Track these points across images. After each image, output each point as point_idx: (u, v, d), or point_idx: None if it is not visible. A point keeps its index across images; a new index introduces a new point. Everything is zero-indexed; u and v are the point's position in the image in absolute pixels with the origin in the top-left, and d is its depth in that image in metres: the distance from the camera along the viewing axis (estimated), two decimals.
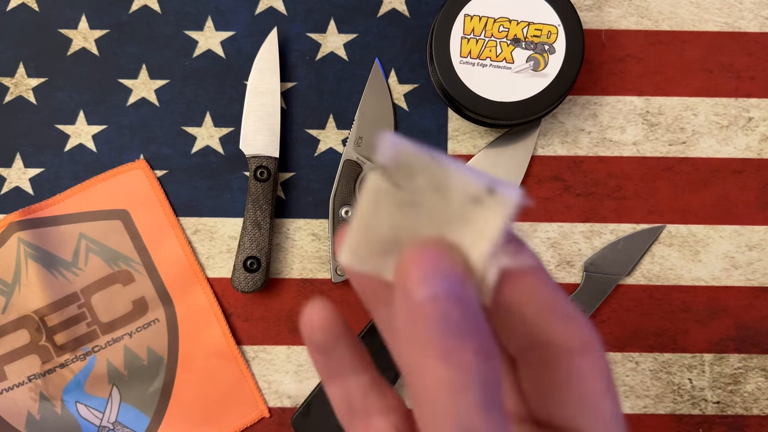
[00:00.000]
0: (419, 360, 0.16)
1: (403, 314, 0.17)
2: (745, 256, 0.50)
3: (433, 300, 0.16)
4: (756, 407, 0.49)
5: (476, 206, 0.18)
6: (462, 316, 0.16)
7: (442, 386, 0.16)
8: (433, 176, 0.18)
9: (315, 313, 0.21)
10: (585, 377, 0.19)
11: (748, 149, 0.51)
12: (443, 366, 0.16)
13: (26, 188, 0.50)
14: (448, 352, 0.16)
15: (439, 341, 0.16)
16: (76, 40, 0.51)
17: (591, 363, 0.19)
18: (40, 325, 0.48)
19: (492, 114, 0.46)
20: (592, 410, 0.19)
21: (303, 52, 0.51)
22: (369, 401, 0.21)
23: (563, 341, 0.19)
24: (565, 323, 0.19)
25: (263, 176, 0.49)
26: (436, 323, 0.16)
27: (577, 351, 0.19)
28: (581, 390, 0.19)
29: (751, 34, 0.51)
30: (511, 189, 0.18)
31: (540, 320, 0.19)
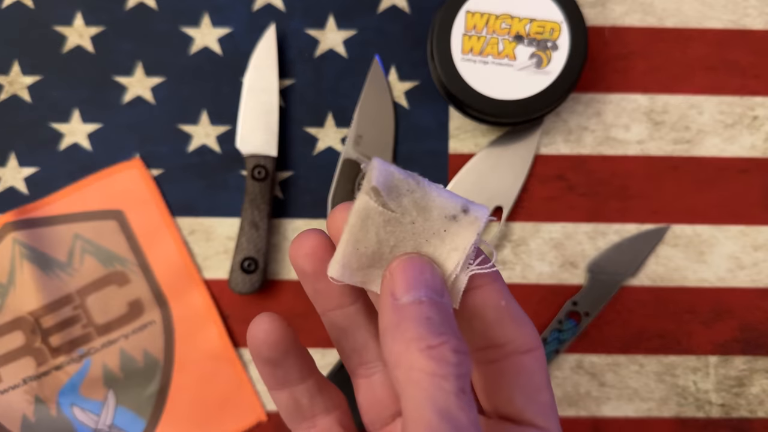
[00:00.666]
0: (405, 353, 0.19)
1: (389, 315, 0.20)
2: (751, 257, 0.50)
3: (418, 304, 0.20)
4: (761, 410, 0.49)
5: (452, 224, 0.21)
6: (441, 318, 0.20)
7: (425, 375, 0.19)
8: (416, 198, 0.21)
9: (263, 328, 0.23)
10: (531, 372, 0.22)
11: (753, 148, 0.50)
12: (426, 358, 0.19)
13: (21, 188, 0.50)
14: (430, 347, 0.19)
15: (423, 338, 0.19)
16: (72, 37, 0.50)
17: (536, 360, 0.22)
18: (35, 327, 0.47)
19: (494, 112, 0.46)
20: (535, 399, 0.22)
21: (301, 49, 0.51)
22: (314, 402, 0.24)
23: (515, 341, 0.22)
24: (517, 326, 0.22)
25: (261, 175, 0.48)
26: (420, 323, 0.19)
27: (525, 350, 0.22)
28: (527, 382, 0.22)
29: (757, 32, 0.51)
30: (482, 209, 0.21)
31: (497, 323, 0.22)
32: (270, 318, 0.23)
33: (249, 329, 0.23)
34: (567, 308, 0.49)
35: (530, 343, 0.22)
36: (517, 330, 0.22)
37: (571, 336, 0.49)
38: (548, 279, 0.50)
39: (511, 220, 0.50)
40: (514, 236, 0.50)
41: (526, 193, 0.50)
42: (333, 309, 0.24)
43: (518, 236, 0.50)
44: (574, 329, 0.48)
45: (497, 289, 0.22)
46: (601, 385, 0.49)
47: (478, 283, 0.22)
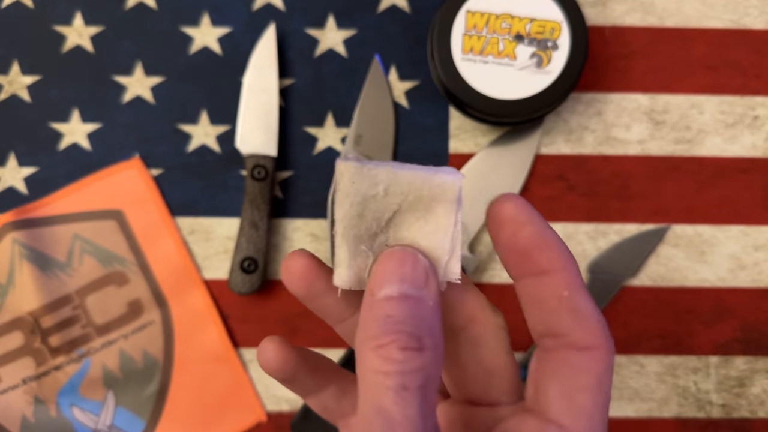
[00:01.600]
0: (360, 351, 0.20)
1: (362, 312, 0.20)
2: (752, 257, 0.49)
3: (386, 300, 0.20)
4: (762, 410, 0.49)
5: (434, 202, 0.21)
6: (405, 315, 0.20)
7: (370, 373, 0.19)
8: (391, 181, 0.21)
9: (266, 356, 0.24)
10: (579, 370, 0.21)
11: (754, 148, 0.50)
12: (374, 357, 0.19)
13: (20, 188, 0.50)
14: (379, 346, 0.19)
15: (375, 336, 0.19)
16: (71, 36, 0.50)
17: (592, 361, 0.21)
18: (35, 327, 0.47)
19: (494, 112, 0.46)
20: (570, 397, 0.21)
21: (301, 49, 0.50)
22: (341, 405, 0.25)
23: (571, 335, 0.21)
24: (577, 320, 0.21)
25: (260, 175, 0.48)
26: (378, 321, 0.19)
27: (581, 346, 0.21)
28: (568, 379, 0.21)
29: (757, 31, 0.50)
30: (452, 173, 0.21)
31: (555, 313, 0.21)
32: (272, 345, 0.24)
33: (257, 357, 0.24)
34: None
35: (589, 340, 0.21)
36: (576, 325, 0.21)
37: None
38: None
39: None
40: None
41: (526, 192, 0.50)
42: (339, 322, 0.24)
43: None
44: None
45: (564, 278, 0.21)
46: None
47: (544, 268, 0.21)
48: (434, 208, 0.22)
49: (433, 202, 0.22)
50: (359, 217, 0.21)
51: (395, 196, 0.21)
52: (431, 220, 0.22)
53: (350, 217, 0.21)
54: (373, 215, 0.22)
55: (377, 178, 0.21)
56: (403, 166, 0.22)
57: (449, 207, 0.22)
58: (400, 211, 0.22)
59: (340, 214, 0.21)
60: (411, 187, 0.21)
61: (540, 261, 0.21)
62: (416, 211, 0.22)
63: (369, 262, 0.22)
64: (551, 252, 0.21)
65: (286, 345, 0.24)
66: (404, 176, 0.21)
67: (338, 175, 0.21)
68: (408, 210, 0.22)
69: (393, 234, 0.22)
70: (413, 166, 0.22)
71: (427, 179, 0.21)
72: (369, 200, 0.21)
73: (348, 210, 0.21)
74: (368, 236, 0.22)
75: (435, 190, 0.21)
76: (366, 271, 0.22)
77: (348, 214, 0.21)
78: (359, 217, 0.21)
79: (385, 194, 0.21)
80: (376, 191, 0.21)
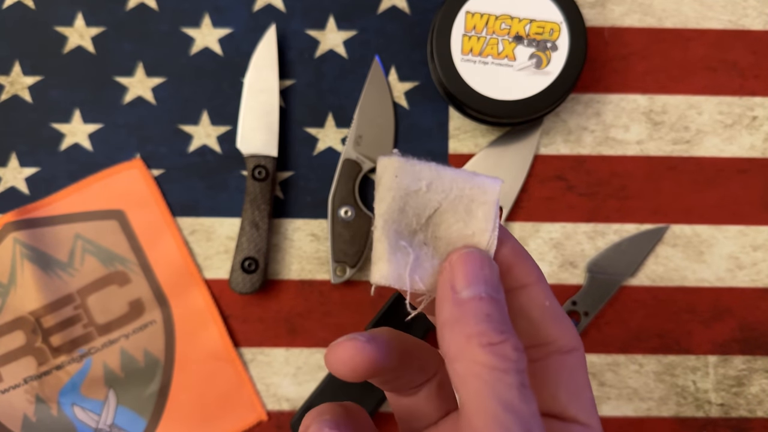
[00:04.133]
0: (466, 347, 0.19)
1: (450, 308, 0.20)
2: (750, 257, 0.50)
3: (478, 299, 0.20)
4: (760, 409, 0.49)
5: (473, 204, 0.22)
6: (500, 316, 0.20)
7: (487, 369, 0.19)
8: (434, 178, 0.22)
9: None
10: (573, 371, 0.22)
11: (752, 148, 0.50)
12: (488, 354, 0.19)
13: (22, 188, 0.50)
14: (492, 344, 0.19)
15: (484, 334, 0.19)
16: (72, 37, 0.51)
17: (578, 360, 0.23)
18: (36, 327, 0.47)
19: (494, 112, 0.46)
20: (578, 397, 0.22)
21: (302, 50, 0.51)
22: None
23: (558, 341, 0.22)
24: (560, 326, 0.22)
25: (261, 176, 0.48)
26: (481, 319, 0.20)
27: (568, 349, 0.22)
28: (570, 380, 0.22)
29: (756, 32, 0.51)
30: (493, 181, 0.22)
31: (541, 322, 0.22)
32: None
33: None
34: (566, 308, 0.49)
35: (572, 343, 0.23)
36: (560, 330, 0.22)
37: None
38: (548, 279, 0.50)
39: (511, 220, 0.50)
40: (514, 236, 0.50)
41: (525, 193, 0.50)
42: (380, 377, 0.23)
43: (518, 236, 0.50)
44: None
45: (542, 289, 0.22)
46: (600, 384, 0.49)
47: (524, 283, 0.22)
48: (474, 210, 0.22)
49: (472, 203, 0.22)
50: (400, 212, 0.21)
51: (437, 193, 0.22)
52: (470, 223, 0.22)
53: (392, 211, 0.21)
54: (414, 211, 0.22)
55: (421, 174, 0.21)
56: (445, 167, 0.22)
57: (489, 209, 0.22)
58: (440, 210, 0.22)
59: (382, 208, 0.21)
60: (453, 185, 0.22)
61: (520, 275, 0.22)
62: (456, 212, 0.22)
63: (409, 260, 0.21)
64: (527, 265, 0.22)
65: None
66: (447, 174, 0.22)
67: (381, 169, 0.21)
68: (448, 210, 0.22)
69: (432, 232, 0.22)
70: (455, 168, 0.22)
71: (468, 179, 0.22)
72: (411, 195, 0.21)
73: (390, 204, 0.21)
74: (408, 233, 0.22)
75: (475, 191, 0.22)
76: (406, 268, 0.21)
77: (390, 208, 0.21)
78: (400, 211, 0.21)
79: (428, 190, 0.21)
80: (419, 186, 0.21)
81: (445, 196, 0.22)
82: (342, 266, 0.48)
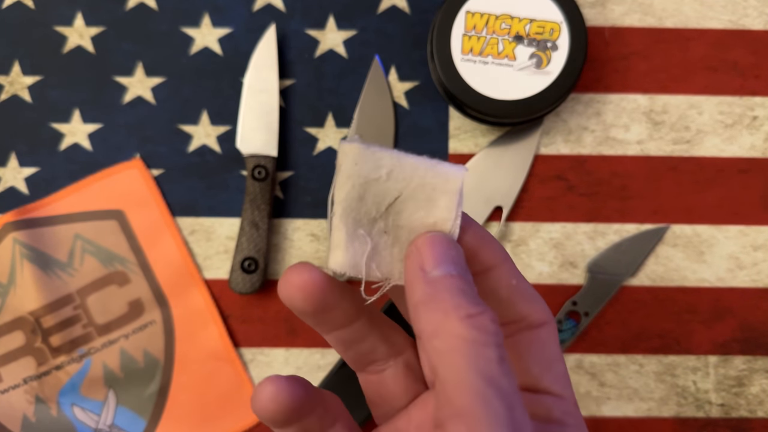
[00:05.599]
0: (444, 322, 0.19)
1: (422, 287, 0.20)
2: (751, 257, 0.50)
3: (450, 276, 0.20)
4: (761, 410, 0.49)
5: (435, 192, 0.21)
6: (472, 291, 0.20)
7: (467, 343, 0.19)
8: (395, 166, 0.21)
9: (265, 394, 0.22)
10: (544, 343, 0.23)
11: (753, 148, 0.50)
12: (467, 327, 0.19)
13: (21, 188, 0.50)
14: (470, 316, 0.19)
15: (461, 306, 0.19)
16: (72, 37, 0.50)
17: (548, 333, 0.23)
18: (36, 327, 0.47)
19: (494, 112, 0.46)
20: (550, 368, 0.23)
21: (301, 49, 0.51)
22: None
23: (528, 317, 0.23)
24: (529, 303, 0.23)
25: (261, 175, 0.48)
26: (456, 293, 0.20)
27: (538, 324, 0.23)
28: (541, 353, 0.23)
29: (756, 32, 0.51)
30: (455, 165, 0.21)
31: (510, 301, 0.23)
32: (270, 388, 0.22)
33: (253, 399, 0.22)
34: (566, 308, 0.49)
35: (542, 317, 0.23)
36: (530, 306, 0.23)
37: (570, 336, 0.49)
38: (548, 279, 0.50)
39: (511, 220, 0.50)
40: (514, 236, 0.50)
41: (525, 193, 0.50)
42: (336, 329, 0.24)
43: (518, 236, 0.50)
44: (574, 329, 0.49)
45: (508, 269, 0.23)
46: (600, 385, 0.49)
47: (489, 265, 0.22)
48: (436, 198, 0.21)
49: (434, 192, 0.21)
50: (359, 200, 0.21)
51: (398, 182, 0.21)
52: (432, 211, 0.21)
53: (350, 199, 0.21)
54: (374, 199, 0.21)
55: (381, 161, 0.21)
56: (408, 154, 0.21)
57: (451, 198, 0.21)
58: (401, 198, 0.21)
59: (341, 195, 0.21)
60: (414, 174, 0.21)
61: (485, 258, 0.22)
62: (417, 200, 0.21)
63: (366, 248, 0.21)
64: (491, 248, 0.23)
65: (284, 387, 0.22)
66: (408, 162, 0.21)
67: (342, 155, 0.21)
68: (409, 198, 0.21)
69: (392, 221, 0.21)
70: (417, 156, 0.22)
71: (431, 167, 0.21)
72: (371, 183, 0.21)
73: (349, 191, 0.21)
74: (367, 221, 0.21)
75: (438, 179, 0.21)
76: (363, 257, 0.21)
77: (349, 196, 0.21)
78: (360, 199, 0.21)
79: (388, 178, 0.21)
80: (378, 174, 0.21)
81: (406, 185, 0.21)
82: None
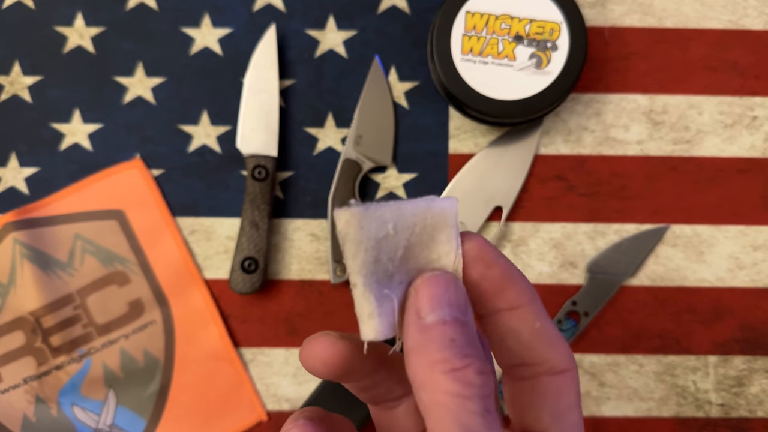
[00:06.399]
0: (429, 375, 0.19)
1: (415, 335, 0.20)
2: (750, 257, 0.50)
3: (442, 324, 0.20)
4: (761, 410, 0.49)
5: (435, 231, 0.22)
6: (465, 339, 0.20)
7: (450, 397, 0.19)
8: (397, 218, 0.21)
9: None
10: (561, 392, 0.22)
11: (752, 148, 0.50)
12: (451, 381, 0.19)
13: (21, 188, 0.50)
14: (454, 370, 0.19)
15: (447, 360, 0.19)
16: (72, 37, 0.50)
17: (567, 381, 0.22)
18: (36, 327, 0.47)
19: (494, 112, 0.46)
20: (562, 420, 0.22)
21: (301, 49, 0.51)
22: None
23: (548, 362, 0.22)
24: (551, 348, 0.22)
25: (261, 176, 0.48)
26: (444, 345, 0.19)
27: (558, 371, 0.22)
28: (556, 402, 0.22)
29: (756, 32, 0.51)
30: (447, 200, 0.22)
31: (531, 344, 0.22)
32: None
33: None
34: (566, 308, 0.49)
35: (564, 364, 0.22)
36: (551, 351, 0.22)
37: (570, 336, 0.49)
38: (548, 279, 0.50)
39: (511, 220, 0.50)
40: (514, 236, 0.50)
41: (525, 193, 0.50)
42: (355, 381, 0.24)
43: (518, 236, 0.50)
44: (574, 329, 0.49)
45: (534, 311, 0.22)
46: (600, 385, 0.49)
47: (514, 304, 0.22)
48: (436, 236, 0.22)
49: (434, 231, 0.22)
50: (376, 263, 0.21)
51: (404, 232, 0.21)
52: (435, 248, 0.22)
53: (368, 264, 0.21)
54: (388, 256, 0.21)
55: (384, 217, 0.21)
56: (401, 201, 0.21)
57: (450, 232, 0.22)
58: (409, 246, 0.21)
59: (357, 265, 0.20)
60: (415, 219, 0.21)
61: (510, 297, 0.22)
62: (422, 243, 0.22)
63: (394, 305, 0.21)
64: (519, 287, 0.22)
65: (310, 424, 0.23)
66: (407, 210, 0.21)
67: (344, 224, 0.20)
68: (416, 244, 0.22)
69: (405, 270, 0.21)
70: (410, 200, 0.22)
71: (427, 209, 0.21)
72: (381, 242, 0.21)
73: (364, 257, 0.20)
74: (387, 279, 0.21)
75: (436, 218, 0.22)
76: (394, 314, 0.21)
77: (366, 262, 0.20)
78: (376, 262, 0.21)
79: (395, 233, 0.21)
80: (386, 231, 0.21)
81: (411, 232, 0.21)
82: (342, 266, 0.48)
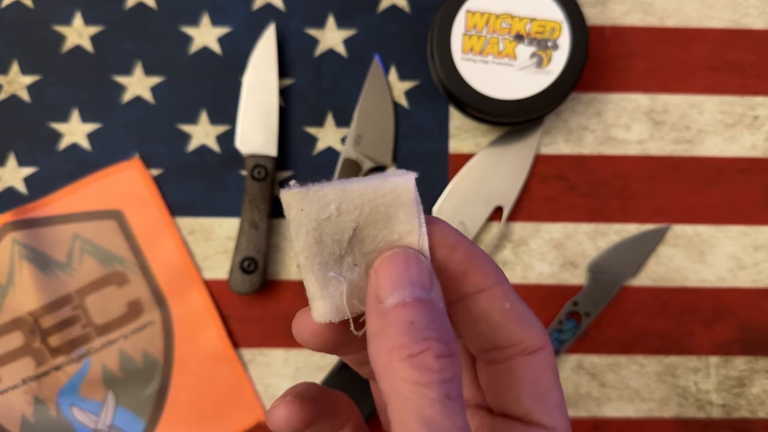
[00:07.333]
0: (388, 363, 0.19)
1: (374, 320, 0.19)
2: (752, 257, 0.49)
3: (402, 306, 0.19)
4: (762, 410, 0.49)
5: (391, 209, 0.21)
6: (426, 320, 0.19)
7: (407, 385, 0.18)
8: (342, 199, 0.20)
9: (278, 417, 0.22)
10: (538, 372, 0.22)
11: (754, 148, 0.50)
12: (408, 368, 0.18)
13: (20, 188, 0.50)
14: (411, 356, 0.18)
15: (404, 346, 0.18)
16: (71, 36, 0.50)
17: (543, 359, 0.22)
18: (35, 327, 0.47)
19: (494, 112, 0.46)
20: (542, 399, 0.22)
21: (301, 49, 0.50)
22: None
23: (522, 343, 0.22)
24: (524, 328, 0.22)
25: (260, 175, 0.48)
26: (402, 329, 0.19)
27: (533, 350, 0.22)
28: (534, 382, 0.22)
29: (757, 31, 0.50)
30: (402, 174, 0.21)
31: (502, 326, 0.22)
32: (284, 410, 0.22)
33: (267, 419, 0.23)
34: (567, 308, 0.49)
35: (538, 343, 0.22)
36: (524, 331, 0.22)
37: (571, 336, 0.48)
38: (548, 279, 0.49)
39: (512, 220, 0.50)
40: (515, 236, 0.50)
41: (526, 193, 0.50)
42: (352, 353, 0.24)
43: (518, 236, 0.50)
44: (575, 329, 0.48)
45: (502, 291, 0.22)
46: (601, 385, 0.49)
47: (483, 286, 0.21)
48: (393, 214, 0.21)
49: (390, 209, 0.21)
50: (319, 244, 0.20)
51: (349, 213, 0.20)
52: (394, 227, 0.21)
53: (309, 246, 0.20)
54: (332, 238, 0.20)
55: (326, 199, 0.20)
56: (351, 180, 0.21)
57: (409, 210, 0.21)
58: (359, 228, 0.21)
59: (299, 246, 0.20)
60: (363, 199, 0.20)
61: (476, 280, 0.21)
62: (376, 223, 0.21)
63: (342, 288, 0.21)
64: (485, 268, 0.21)
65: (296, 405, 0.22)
66: (354, 190, 0.20)
67: (285, 206, 0.20)
68: (368, 224, 0.21)
69: (359, 251, 0.21)
70: (362, 178, 0.21)
71: (378, 187, 0.20)
72: (323, 223, 0.20)
73: (305, 239, 0.20)
74: (334, 261, 0.21)
75: (389, 197, 0.21)
76: (342, 298, 0.21)
77: (306, 244, 0.20)
78: (318, 243, 0.20)
79: (339, 213, 0.20)
80: (328, 212, 0.20)
81: (360, 212, 0.20)
82: None
